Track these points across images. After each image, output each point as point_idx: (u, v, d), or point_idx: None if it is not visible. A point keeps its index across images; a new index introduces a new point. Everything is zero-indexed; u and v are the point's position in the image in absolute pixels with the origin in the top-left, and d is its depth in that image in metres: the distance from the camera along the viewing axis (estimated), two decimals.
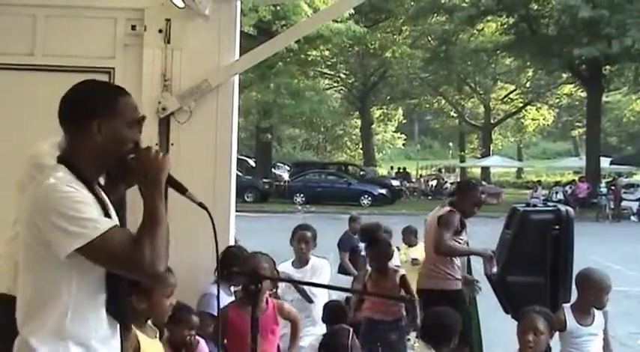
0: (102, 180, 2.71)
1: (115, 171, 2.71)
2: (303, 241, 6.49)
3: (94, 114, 2.54)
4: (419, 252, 10.06)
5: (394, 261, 9.68)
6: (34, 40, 5.30)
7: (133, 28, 5.32)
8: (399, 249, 9.69)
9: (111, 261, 2.45)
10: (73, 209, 2.40)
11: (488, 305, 6.75)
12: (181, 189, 2.66)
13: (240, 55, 5.54)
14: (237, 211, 5.55)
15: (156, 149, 2.61)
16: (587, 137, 42.76)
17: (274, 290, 5.27)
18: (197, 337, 4.60)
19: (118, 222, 2.59)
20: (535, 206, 6.92)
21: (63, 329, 2.47)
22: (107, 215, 2.54)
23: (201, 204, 2.65)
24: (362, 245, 7.69)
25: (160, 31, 5.28)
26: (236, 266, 4.58)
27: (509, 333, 5.00)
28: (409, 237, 10.18)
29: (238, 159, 5.73)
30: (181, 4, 5.09)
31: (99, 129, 2.53)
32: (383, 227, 9.91)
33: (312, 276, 6.30)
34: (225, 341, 4.58)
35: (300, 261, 6.50)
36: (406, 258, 9.99)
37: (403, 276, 6.15)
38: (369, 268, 6.38)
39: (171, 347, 4.80)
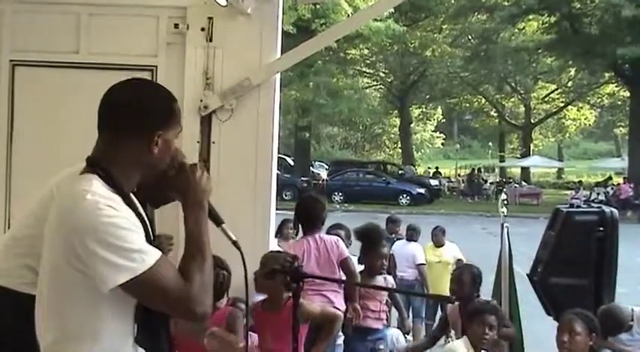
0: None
1: (150, 188, 2.52)
2: None
3: (157, 125, 2.37)
4: (448, 251, 10.13)
5: (419, 259, 9.74)
6: (78, 38, 5.35)
7: (176, 26, 5.34)
8: None
9: (157, 298, 2.25)
10: (118, 237, 2.19)
11: (530, 307, 6.68)
12: (217, 220, 2.48)
13: (281, 53, 5.54)
14: (276, 209, 5.55)
15: (202, 169, 2.46)
16: (629, 137, 42.10)
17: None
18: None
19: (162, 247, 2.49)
20: (579, 207, 6.83)
21: None
22: (147, 232, 2.36)
23: (235, 243, 2.45)
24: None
25: (203, 29, 5.29)
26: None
27: (551, 336, 4.95)
28: (438, 236, 10.25)
29: (277, 157, 5.73)
30: (224, 3, 5.10)
31: (158, 140, 2.36)
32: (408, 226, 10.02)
33: None
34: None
35: None
36: (438, 259, 10.05)
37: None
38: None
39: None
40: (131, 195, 2.44)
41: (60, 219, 2.27)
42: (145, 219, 2.42)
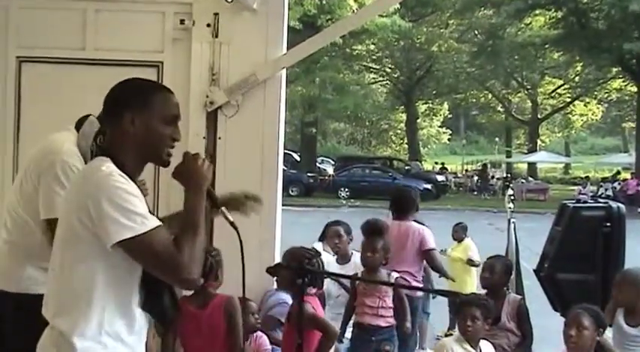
0: None
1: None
2: (335, 236, 6.68)
3: (127, 106, 2.62)
4: (466, 248, 10.12)
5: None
6: (84, 35, 5.36)
7: (182, 22, 5.35)
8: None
9: (150, 259, 2.51)
10: (125, 200, 2.47)
11: (537, 303, 6.65)
12: (216, 204, 2.74)
13: (287, 49, 5.54)
14: (282, 205, 5.56)
15: (203, 158, 2.71)
16: (637, 133, 41.92)
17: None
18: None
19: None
20: (585, 202, 6.80)
21: (102, 325, 2.52)
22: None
23: (232, 224, 2.70)
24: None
25: (208, 25, 5.30)
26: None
27: (558, 332, 4.94)
28: (458, 232, 10.25)
29: (283, 153, 5.72)
30: None
31: (132, 121, 2.61)
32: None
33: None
34: None
35: (343, 257, 6.54)
36: (459, 256, 10.03)
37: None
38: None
39: None
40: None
41: (78, 186, 2.61)
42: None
